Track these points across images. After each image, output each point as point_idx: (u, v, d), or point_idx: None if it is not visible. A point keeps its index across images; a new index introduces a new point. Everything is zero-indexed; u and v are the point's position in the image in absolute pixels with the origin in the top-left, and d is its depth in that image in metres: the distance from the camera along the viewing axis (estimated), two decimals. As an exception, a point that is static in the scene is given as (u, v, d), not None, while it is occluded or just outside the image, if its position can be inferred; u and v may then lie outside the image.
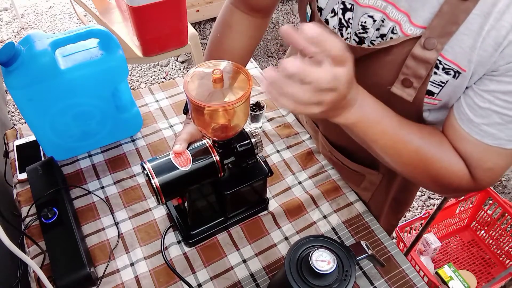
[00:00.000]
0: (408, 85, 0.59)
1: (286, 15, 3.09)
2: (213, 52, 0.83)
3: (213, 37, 0.84)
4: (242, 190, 0.77)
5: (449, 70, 0.55)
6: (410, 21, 0.56)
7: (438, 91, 0.58)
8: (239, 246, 0.83)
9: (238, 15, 0.81)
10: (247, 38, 0.83)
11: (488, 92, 0.53)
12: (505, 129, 0.54)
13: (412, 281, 0.79)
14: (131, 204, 0.88)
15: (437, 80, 0.57)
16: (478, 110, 0.55)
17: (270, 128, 1.05)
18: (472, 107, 0.55)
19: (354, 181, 0.93)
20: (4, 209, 0.79)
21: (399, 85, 0.60)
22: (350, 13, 0.61)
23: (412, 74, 0.57)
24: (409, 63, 0.57)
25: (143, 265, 0.79)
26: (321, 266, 0.58)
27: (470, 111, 0.56)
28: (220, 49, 0.83)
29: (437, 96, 0.59)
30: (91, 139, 0.95)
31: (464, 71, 0.54)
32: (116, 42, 0.85)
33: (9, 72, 0.75)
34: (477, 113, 0.55)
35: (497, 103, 0.53)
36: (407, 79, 0.58)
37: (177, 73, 2.62)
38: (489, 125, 0.54)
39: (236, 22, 0.81)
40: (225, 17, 0.83)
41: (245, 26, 0.82)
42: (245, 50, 0.84)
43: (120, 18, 2.08)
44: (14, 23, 2.98)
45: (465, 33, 0.51)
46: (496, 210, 1.73)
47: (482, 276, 1.65)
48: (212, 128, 0.65)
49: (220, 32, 0.83)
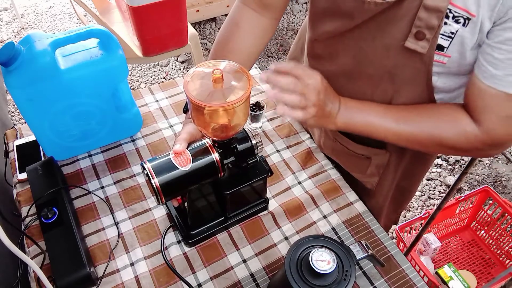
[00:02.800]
0: (421, 37, 0.61)
1: (286, 15, 3.09)
2: (218, 52, 0.83)
3: (220, 36, 0.84)
4: (242, 190, 0.77)
5: (459, 17, 0.57)
6: None
7: (448, 45, 0.60)
8: (239, 246, 0.83)
9: (248, 13, 0.81)
10: (253, 39, 0.83)
11: (503, 43, 0.55)
12: None
13: (412, 281, 0.79)
14: (131, 204, 0.88)
15: (447, 31, 0.59)
16: (498, 63, 0.57)
17: (270, 128, 1.05)
18: (492, 62, 0.58)
19: (360, 168, 0.93)
20: (4, 209, 0.79)
21: (412, 38, 0.62)
22: None
23: (424, 26, 0.59)
24: (421, 15, 0.59)
25: (143, 265, 0.79)
26: (321, 266, 0.58)
27: (491, 66, 0.58)
28: (226, 49, 0.83)
29: (447, 51, 0.61)
30: (91, 139, 0.95)
31: (473, 16, 0.55)
32: (116, 42, 0.85)
33: (9, 72, 0.75)
34: (498, 66, 0.57)
35: None
36: (420, 31, 0.60)
37: (177, 73, 2.62)
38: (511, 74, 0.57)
39: (245, 20, 0.82)
40: (234, 16, 0.83)
41: (253, 25, 0.82)
42: (251, 51, 0.83)
43: (120, 18, 2.08)
44: (14, 23, 2.98)
45: None
46: (496, 210, 1.73)
47: (482, 276, 1.65)
48: (212, 128, 0.65)
49: (228, 31, 0.83)
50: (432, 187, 2.06)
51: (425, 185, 2.07)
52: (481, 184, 2.07)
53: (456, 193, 2.00)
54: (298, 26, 2.99)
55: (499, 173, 2.12)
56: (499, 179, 2.09)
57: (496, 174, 2.11)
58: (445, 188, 2.06)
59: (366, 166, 0.91)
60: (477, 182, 2.09)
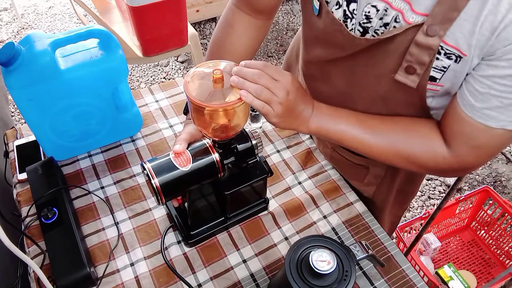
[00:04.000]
0: (412, 72, 0.61)
1: (286, 15, 3.09)
2: (214, 53, 0.84)
3: (215, 38, 0.84)
4: (242, 190, 0.77)
5: (451, 55, 0.57)
6: (412, 9, 0.57)
7: (440, 77, 0.61)
8: (239, 246, 0.83)
9: (240, 16, 0.81)
10: (248, 39, 0.83)
11: (486, 78, 0.56)
12: (505, 111, 0.57)
13: (412, 281, 0.79)
14: (131, 204, 0.88)
15: (439, 65, 0.59)
16: (478, 95, 0.58)
17: (270, 128, 1.05)
18: (472, 93, 0.58)
19: (357, 176, 0.93)
20: (4, 209, 0.79)
21: (402, 72, 0.62)
22: (355, 4, 0.63)
23: (415, 61, 0.59)
24: (412, 50, 0.59)
25: (143, 265, 0.79)
26: (321, 266, 0.58)
27: (471, 97, 0.59)
28: (222, 50, 0.83)
29: (439, 81, 0.61)
30: (91, 139, 0.95)
31: (465, 56, 0.56)
32: (116, 42, 0.85)
33: (9, 72, 0.75)
34: (477, 98, 0.58)
35: (495, 88, 0.55)
36: (410, 66, 0.60)
37: (177, 73, 2.62)
38: (490, 109, 0.57)
39: (238, 23, 0.82)
40: (227, 18, 0.83)
41: (247, 27, 0.82)
42: (246, 51, 0.84)
43: (120, 18, 2.08)
44: (14, 23, 2.98)
45: (465, 19, 0.53)
46: (496, 210, 1.73)
47: (482, 276, 1.65)
48: (212, 128, 0.65)
49: (222, 32, 0.83)
50: (432, 187, 2.06)
51: (425, 185, 2.07)
52: (481, 184, 2.07)
53: (456, 193, 2.00)
54: (298, 26, 2.99)
55: (499, 173, 2.12)
56: (499, 179, 2.09)
57: (496, 174, 2.11)
58: (445, 188, 2.06)
59: (363, 175, 0.91)
60: (477, 182, 2.09)
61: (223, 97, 0.61)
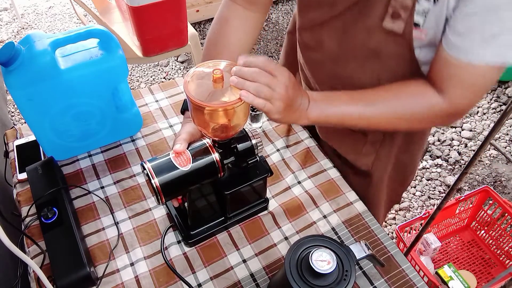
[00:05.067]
0: (397, 16, 0.66)
1: (286, 15, 3.09)
2: (210, 48, 0.84)
3: (211, 33, 0.85)
4: (242, 190, 0.77)
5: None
6: None
7: (423, 22, 0.65)
8: (239, 246, 0.83)
9: (235, 9, 0.83)
10: (244, 34, 0.84)
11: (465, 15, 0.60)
12: (487, 46, 0.60)
13: (412, 281, 0.79)
14: (131, 204, 0.88)
15: (420, 9, 0.63)
16: (460, 34, 0.61)
17: (270, 128, 1.05)
18: (454, 33, 0.62)
19: (355, 147, 0.94)
20: (4, 209, 0.79)
21: (389, 18, 0.67)
22: None
23: (399, 6, 0.64)
24: None
25: (143, 265, 0.79)
26: (321, 266, 0.58)
27: (453, 37, 0.62)
28: (217, 45, 0.83)
29: (423, 27, 0.65)
30: (91, 139, 0.95)
31: None
32: (116, 42, 0.85)
33: (9, 72, 0.75)
34: (459, 37, 0.62)
35: (474, 23, 0.59)
36: (395, 12, 0.65)
37: (177, 73, 2.62)
38: (472, 46, 0.61)
39: (233, 16, 0.83)
40: (222, 13, 0.85)
41: (242, 20, 0.83)
42: (242, 46, 0.84)
43: (120, 18, 2.08)
44: (14, 23, 2.98)
45: None
46: (496, 210, 1.73)
47: (482, 276, 1.65)
48: (212, 128, 0.65)
49: (217, 27, 0.85)
50: (432, 187, 2.06)
51: (425, 185, 2.07)
52: (481, 184, 2.07)
53: (456, 193, 2.00)
54: (298, 26, 2.98)
55: (499, 173, 2.12)
56: (499, 179, 2.09)
57: (496, 174, 2.11)
58: (445, 188, 2.06)
59: (361, 144, 0.92)
60: (477, 182, 2.09)
61: (223, 97, 0.61)
